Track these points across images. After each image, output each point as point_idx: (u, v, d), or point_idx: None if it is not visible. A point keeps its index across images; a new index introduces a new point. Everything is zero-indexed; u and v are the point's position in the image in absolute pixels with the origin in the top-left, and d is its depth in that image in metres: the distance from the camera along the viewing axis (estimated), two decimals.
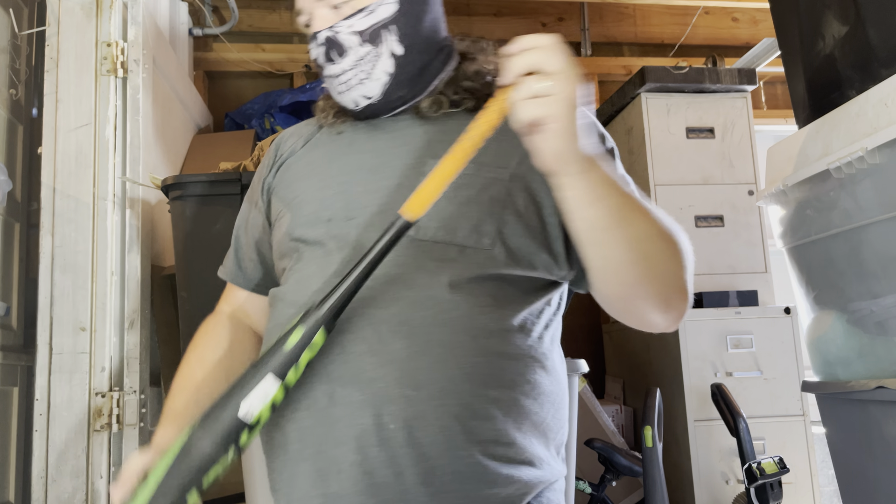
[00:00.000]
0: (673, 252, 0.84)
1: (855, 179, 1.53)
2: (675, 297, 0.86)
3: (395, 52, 0.93)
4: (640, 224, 0.81)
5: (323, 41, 0.93)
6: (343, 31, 0.92)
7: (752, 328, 2.64)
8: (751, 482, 2.04)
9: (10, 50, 1.76)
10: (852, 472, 1.69)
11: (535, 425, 0.87)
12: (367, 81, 0.93)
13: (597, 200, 0.77)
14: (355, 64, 0.92)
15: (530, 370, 0.87)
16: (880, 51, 1.54)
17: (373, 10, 0.92)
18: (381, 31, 0.92)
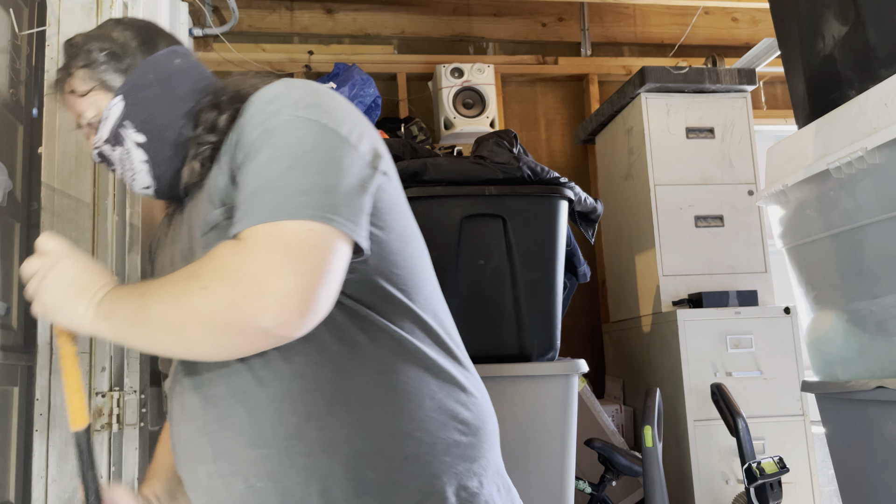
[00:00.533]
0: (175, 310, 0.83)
1: (855, 179, 1.53)
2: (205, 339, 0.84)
3: (139, 141, 1.01)
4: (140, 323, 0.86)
5: (98, 159, 1.06)
6: (100, 145, 1.03)
7: (752, 328, 2.64)
8: (750, 482, 2.04)
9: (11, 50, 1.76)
10: (852, 472, 1.69)
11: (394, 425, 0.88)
12: (136, 176, 1.03)
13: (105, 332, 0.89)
14: (121, 166, 1.04)
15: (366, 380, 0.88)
16: (880, 51, 1.54)
17: (106, 116, 1.01)
18: (119, 131, 1.01)
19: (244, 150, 0.88)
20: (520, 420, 1.87)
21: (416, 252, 0.98)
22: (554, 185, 1.98)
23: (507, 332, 1.92)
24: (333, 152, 0.86)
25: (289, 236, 0.80)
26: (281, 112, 0.87)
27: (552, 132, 3.59)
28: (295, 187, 0.82)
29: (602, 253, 3.44)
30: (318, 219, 0.80)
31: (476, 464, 0.92)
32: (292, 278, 0.78)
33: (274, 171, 0.83)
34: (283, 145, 0.85)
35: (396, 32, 3.49)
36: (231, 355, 0.86)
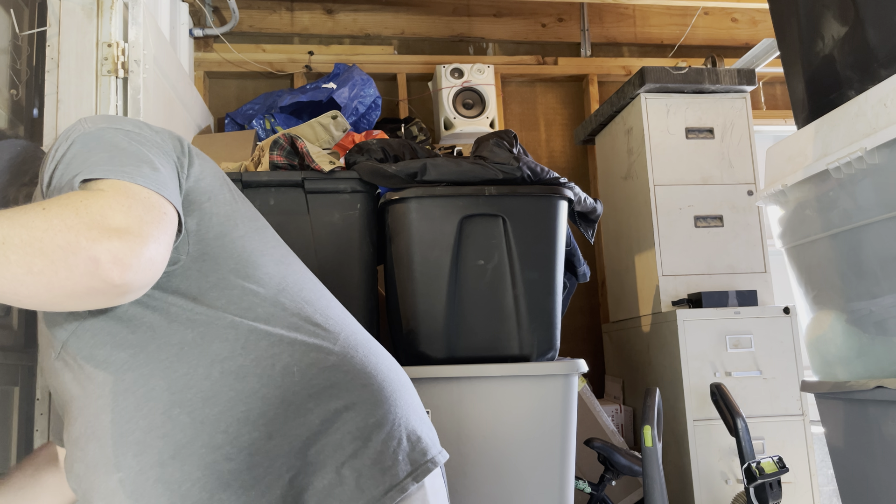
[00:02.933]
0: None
1: (854, 179, 1.53)
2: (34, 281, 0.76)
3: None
4: None
5: None
6: None
7: (752, 328, 2.64)
8: (750, 482, 2.04)
9: (11, 50, 1.76)
10: (851, 472, 1.70)
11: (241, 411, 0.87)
12: None
13: None
14: None
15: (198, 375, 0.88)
16: (880, 51, 1.54)
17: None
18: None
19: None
20: (519, 420, 1.87)
21: (247, 233, 0.99)
22: (554, 186, 1.98)
23: (507, 332, 1.93)
24: (143, 146, 0.91)
25: (133, 190, 0.83)
26: (84, 130, 0.91)
27: (552, 132, 3.59)
28: (123, 163, 0.86)
29: (602, 253, 3.44)
30: (150, 187, 0.84)
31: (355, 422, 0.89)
32: (137, 221, 0.79)
33: (98, 157, 0.86)
34: (96, 143, 0.88)
35: (396, 33, 3.50)
36: (43, 291, 0.76)
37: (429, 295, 1.88)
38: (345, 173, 1.93)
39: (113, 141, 0.89)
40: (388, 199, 1.93)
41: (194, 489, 0.83)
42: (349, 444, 0.88)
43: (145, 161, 0.88)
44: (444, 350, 1.88)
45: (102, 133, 0.90)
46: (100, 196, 0.80)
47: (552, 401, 1.88)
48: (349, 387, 0.91)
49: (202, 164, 1.00)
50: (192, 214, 0.93)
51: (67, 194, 0.81)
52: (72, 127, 0.93)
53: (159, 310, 0.89)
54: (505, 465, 1.84)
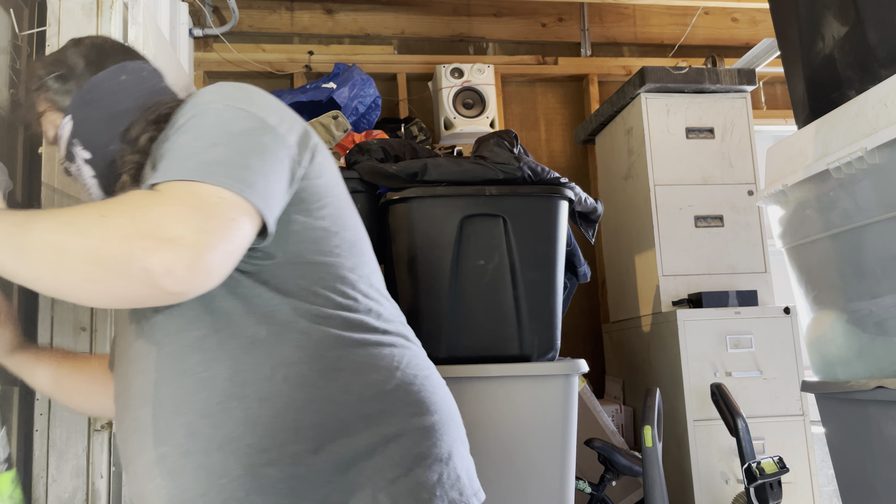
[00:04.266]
0: (51, 239, 0.78)
1: (854, 179, 1.53)
2: (87, 281, 0.78)
3: (86, 157, 1.06)
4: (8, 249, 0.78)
5: (67, 174, 1.11)
6: (62, 162, 1.10)
7: (752, 328, 2.64)
8: (750, 482, 2.04)
9: (11, 50, 1.76)
10: (852, 472, 1.69)
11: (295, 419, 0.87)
12: (91, 190, 1.08)
13: None
14: (80, 180, 1.09)
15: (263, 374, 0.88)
16: (880, 51, 1.54)
17: (61, 135, 1.07)
18: (71, 149, 1.06)
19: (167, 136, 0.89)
20: (520, 420, 1.87)
21: (345, 243, 0.97)
22: (554, 186, 1.98)
23: (507, 332, 1.92)
24: (258, 137, 0.87)
25: (202, 195, 0.79)
26: (211, 102, 0.90)
27: (552, 132, 3.59)
28: (215, 159, 0.83)
29: (602, 253, 3.44)
30: (232, 188, 0.81)
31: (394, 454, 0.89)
32: (193, 231, 0.77)
33: (197, 145, 0.85)
34: (209, 125, 0.87)
35: (396, 32, 3.49)
36: (102, 297, 0.80)
37: (429, 295, 1.88)
38: (345, 173, 1.93)
39: (226, 127, 0.87)
40: (388, 199, 1.93)
41: (231, 485, 0.83)
42: (390, 470, 0.87)
43: (246, 154, 0.85)
44: (444, 350, 1.88)
45: (221, 114, 0.88)
46: (159, 202, 0.79)
47: (552, 401, 1.88)
48: (402, 415, 0.91)
49: (323, 161, 0.98)
50: (299, 213, 0.92)
51: (130, 196, 0.82)
52: (206, 92, 0.93)
53: (242, 297, 0.88)
54: (505, 466, 1.84)
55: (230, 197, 0.80)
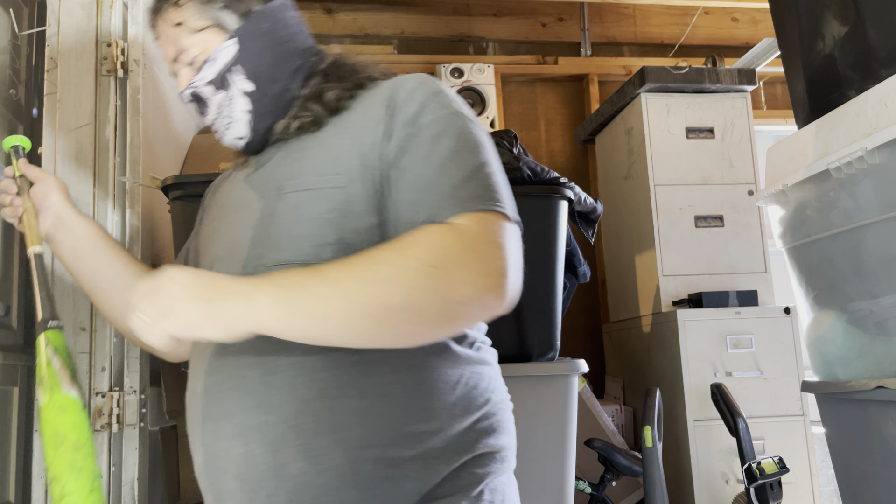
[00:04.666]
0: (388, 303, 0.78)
1: (855, 179, 1.53)
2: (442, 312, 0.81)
3: (246, 89, 0.97)
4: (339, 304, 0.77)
5: (190, 98, 1.01)
6: (199, 85, 0.98)
7: (752, 328, 2.64)
8: (750, 482, 2.04)
9: (10, 50, 1.76)
10: (852, 472, 1.69)
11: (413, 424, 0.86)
12: (232, 124, 0.99)
13: (278, 329, 0.78)
14: (218, 112, 0.99)
15: (399, 370, 0.87)
16: (880, 51, 1.54)
17: (215, 57, 0.97)
18: (227, 75, 0.97)
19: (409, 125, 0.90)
20: (520, 420, 1.86)
21: None
22: (554, 185, 1.98)
23: (507, 332, 1.92)
24: (492, 148, 0.93)
25: (503, 228, 0.85)
26: (452, 103, 0.93)
27: (552, 132, 3.59)
28: (493, 184, 0.87)
29: (602, 253, 3.44)
30: (513, 220, 0.88)
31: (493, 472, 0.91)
32: (509, 266, 0.83)
33: (473, 164, 0.87)
34: (473, 138, 0.90)
35: (396, 32, 3.49)
36: (417, 340, 0.84)
37: None
38: None
39: (484, 141, 0.92)
40: None
41: (329, 473, 0.82)
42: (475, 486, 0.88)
43: (501, 174, 0.91)
44: None
45: (470, 130, 0.91)
46: (481, 244, 0.82)
47: (552, 401, 1.88)
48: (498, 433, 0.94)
49: None
50: None
51: (441, 239, 0.81)
52: (437, 86, 0.93)
53: None
54: None
55: (514, 227, 0.88)
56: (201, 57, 0.98)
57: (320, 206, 0.89)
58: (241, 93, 0.97)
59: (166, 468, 1.92)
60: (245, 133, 0.99)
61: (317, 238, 0.88)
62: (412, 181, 0.87)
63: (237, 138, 1.00)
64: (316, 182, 0.90)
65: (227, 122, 0.99)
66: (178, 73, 1.01)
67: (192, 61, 0.99)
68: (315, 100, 0.97)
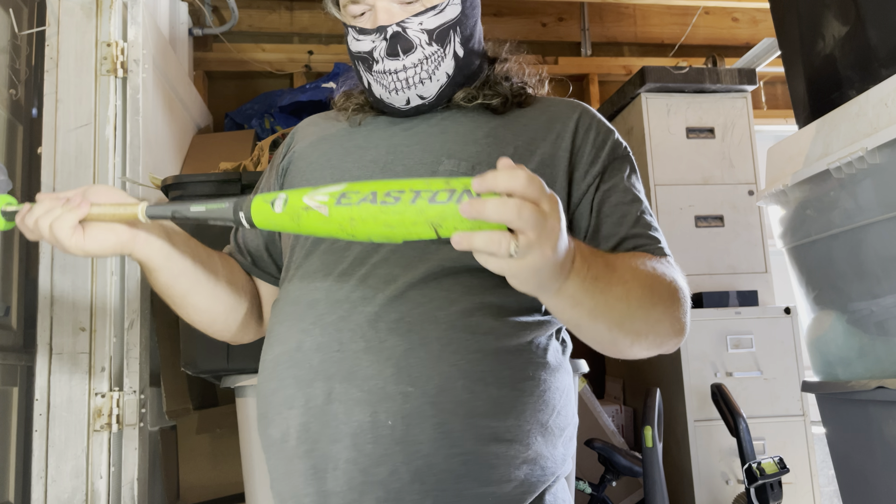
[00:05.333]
0: (664, 307, 0.83)
1: (855, 179, 1.52)
2: (667, 340, 0.86)
3: (458, 53, 0.94)
4: (623, 302, 0.78)
5: (390, 35, 0.91)
6: (413, 28, 0.91)
7: (752, 328, 2.64)
8: (751, 482, 2.04)
9: (10, 50, 1.76)
10: (852, 472, 1.69)
11: (538, 423, 0.86)
12: (426, 81, 0.93)
13: (575, 305, 0.74)
14: (419, 62, 0.92)
15: (531, 366, 0.86)
16: (880, 51, 1.54)
17: (442, 9, 0.91)
18: (449, 32, 0.92)
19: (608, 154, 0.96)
20: None
21: None
22: None
23: None
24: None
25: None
26: (623, 142, 1.01)
27: None
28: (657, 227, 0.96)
29: None
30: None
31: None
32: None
33: (645, 204, 0.96)
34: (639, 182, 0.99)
35: None
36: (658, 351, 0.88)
37: None
38: None
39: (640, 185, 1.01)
40: None
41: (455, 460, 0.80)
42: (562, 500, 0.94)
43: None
44: None
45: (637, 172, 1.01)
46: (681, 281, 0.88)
47: None
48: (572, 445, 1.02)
49: None
50: None
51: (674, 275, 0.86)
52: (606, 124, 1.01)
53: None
54: None
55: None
56: (425, 1, 0.92)
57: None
58: (452, 54, 0.93)
59: (166, 468, 1.92)
60: (431, 95, 0.94)
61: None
62: (614, 206, 0.93)
63: (418, 96, 0.94)
64: (483, 170, 0.87)
65: (425, 77, 0.92)
66: (376, 4, 0.92)
67: (409, 0, 0.92)
68: (503, 83, 0.99)
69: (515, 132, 0.94)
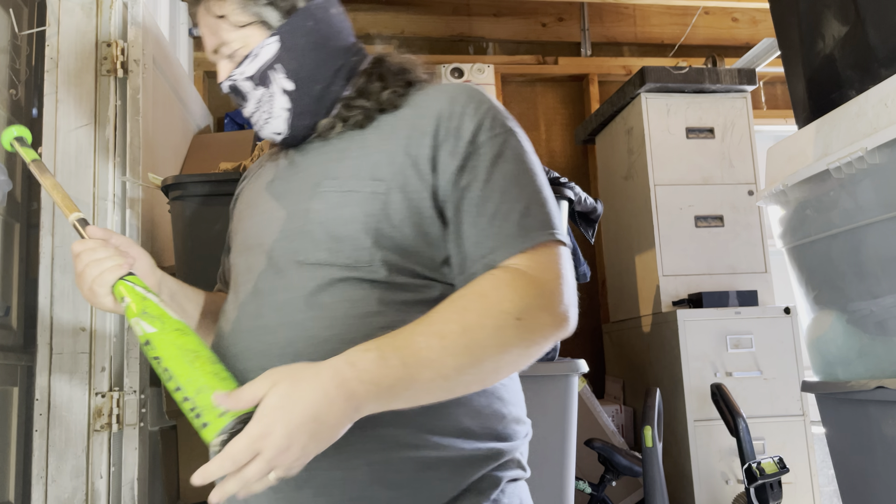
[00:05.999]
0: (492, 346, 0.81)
1: (855, 179, 1.53)
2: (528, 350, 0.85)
3: (286, 88, 0.97)
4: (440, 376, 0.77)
5: (228, 90, 1.00)
6: (238, 79, 0.98)
7: (752, 328, 2.64)
8: (751, 482, 2.04)
9: (10, 50, 1.76)
10: (852, 472, 1.69)
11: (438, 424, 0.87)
12: (271, 120, 0.98)
13: (391, 405, 0.77)
14: (256, 106, 0.99)
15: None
16: (880, 51, 1.54)
17: (257, 54, 0.96)
18: (268, 72, 0.96)
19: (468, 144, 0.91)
20: None
21: None
22: (554, 185, 1.98)
23: None
24: (540, 168, 0.96)
25: (562, 257, 0.89)
26: (509, 120, 0.95)
27: (552, 132, 3.59)
28: (549, 211, 0.90)
29: (602, 253, 3.44)
30: (567, 244, 0.91)
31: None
32: (571, 291, 0.88)
33: (533, 187, 0.91)
34: (528, 159, 0.94)
35: (396, 32, 3.49)
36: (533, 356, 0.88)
37: None
38: None
39: (533, 167, 0.94)
40: None
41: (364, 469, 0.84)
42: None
43: (550, 194, 0.93)
44: None
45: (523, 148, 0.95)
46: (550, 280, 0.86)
47: (552, 401, 1.88)
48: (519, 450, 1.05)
49: None
50: None
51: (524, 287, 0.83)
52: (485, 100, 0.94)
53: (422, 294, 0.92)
54: None
55: (566, 251, 0.90)
56: (242, 51, 0.96)
57: (359, 210, 0.89)
58: (280, 91, 0.96)
59: (166, 468, 1.92)
60: (283, 129, 0.99)
61: (356, 242, 0.88)
62: (476, 205, 0.88)
63: (275, 133, 1.00)
64: (356, 185, 0.90)
65: (266, 117, 0.98)
66: (217, 63, 1.00)
67: (232, 54, 0.97)
68: (364, 97, 0.97)
69: (383, 136, 0.94)
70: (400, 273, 0.88)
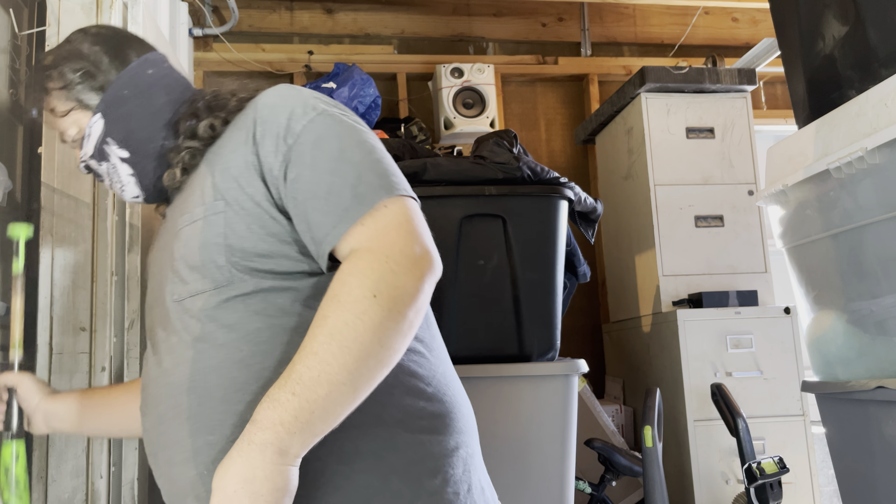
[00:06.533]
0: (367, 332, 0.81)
1: (855, 179, 1.53)
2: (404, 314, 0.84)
3: (122, 156, 1.04)
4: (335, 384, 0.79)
5: (86, 171, 1.09)
6: (85, 159, 1.07)
7: (752, 328, 2.64)
8: (751, 482, 2.04)
9: (10, 50, 1.76)
10: (852, 472, 1.69)
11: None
12: (125, 188, 1.06)
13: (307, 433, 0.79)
14: (109, 179, 1.07)
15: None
16: (880, 51, 1.54)
17: (88, 133, 1.04)
18: (103, 147, 1.04)
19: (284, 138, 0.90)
20: (520, 420, 1.87)
21: None
22: (554, 185, 1.98)
23: (507, 332, 1.92)
24: (370, 138, 0.94)
25: (407, 209, 0.88)
26: (318, 104, 0.93)
27: (552, 132, 3.59)
28: (384, 169, 0.90)
29: (602, 253, 3.44)
30: (411, 196, 0.91)
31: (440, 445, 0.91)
32: (424, 237, 0.87)
33: (356, 157, 0.89)
34: (347, 131, 0.91)
35: (396, 32, 3.49)
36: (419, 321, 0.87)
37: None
38: None
39: (358, 136, 0.92)
40: None
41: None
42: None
43: (384, 153, 0.93)
44: None
45: (342, 123, 0.92)
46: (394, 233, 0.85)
47: (552, 401, 1.88)
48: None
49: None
50: None
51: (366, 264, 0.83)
52: (292, 92, 0.94)
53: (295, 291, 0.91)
54: (505, 466, 1.84)
55: (413, 203, 0.90)
56: (78, 136, 1.06)
57: (208, 233, 0.91)
58: (119, 160, 1.03)
59: None
60: (138, 193, 1.06)
61: (210, 263, 0.90)
62: (309, 191, 0.88)
63: (134, 197, 1.07)
64: (200, 213, 0.93)
65: (120, 186, 1.06)
66: (74, 152, 1.09)
67: (74, 140, 1.07)
68: (189, 138, 1.00)
69: (211, 162, 0.97)
70: (265, 277, 0.89)
